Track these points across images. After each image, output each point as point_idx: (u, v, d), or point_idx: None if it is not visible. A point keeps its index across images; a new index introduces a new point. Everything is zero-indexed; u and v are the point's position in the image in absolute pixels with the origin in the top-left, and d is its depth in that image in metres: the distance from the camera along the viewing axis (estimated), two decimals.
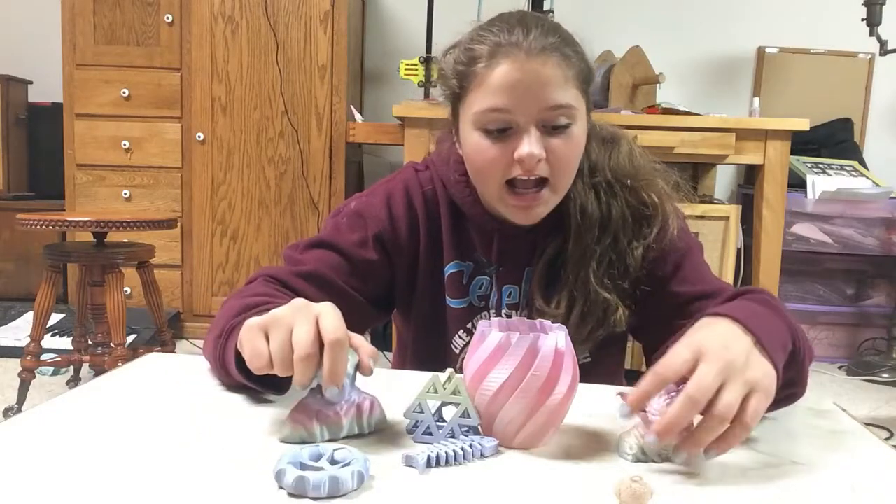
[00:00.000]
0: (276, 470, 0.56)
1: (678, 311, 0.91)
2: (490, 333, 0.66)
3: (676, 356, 0.63)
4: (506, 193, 0.89)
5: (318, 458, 0.58)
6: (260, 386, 0.75)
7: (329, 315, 0.65)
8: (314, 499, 0.54)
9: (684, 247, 0.95)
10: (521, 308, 0.98)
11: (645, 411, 0.64)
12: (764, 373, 0.65)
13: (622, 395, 0.64)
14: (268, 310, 0.68)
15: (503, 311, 0.99)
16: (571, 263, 0.94)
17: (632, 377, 1.12)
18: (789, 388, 0.74)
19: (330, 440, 0.66)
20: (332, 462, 0.58)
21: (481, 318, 0.99)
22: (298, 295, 0.84)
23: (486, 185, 0.91)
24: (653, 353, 0.93)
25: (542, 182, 0.88)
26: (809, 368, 0.77)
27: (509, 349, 0.65)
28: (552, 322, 0.82)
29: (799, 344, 0.73)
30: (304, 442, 0.64)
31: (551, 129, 0.86)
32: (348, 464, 0.57)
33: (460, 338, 1.01)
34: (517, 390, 0.65)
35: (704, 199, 2.71)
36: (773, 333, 0.69)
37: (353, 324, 0.90)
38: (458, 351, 1.01)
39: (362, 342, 0.67)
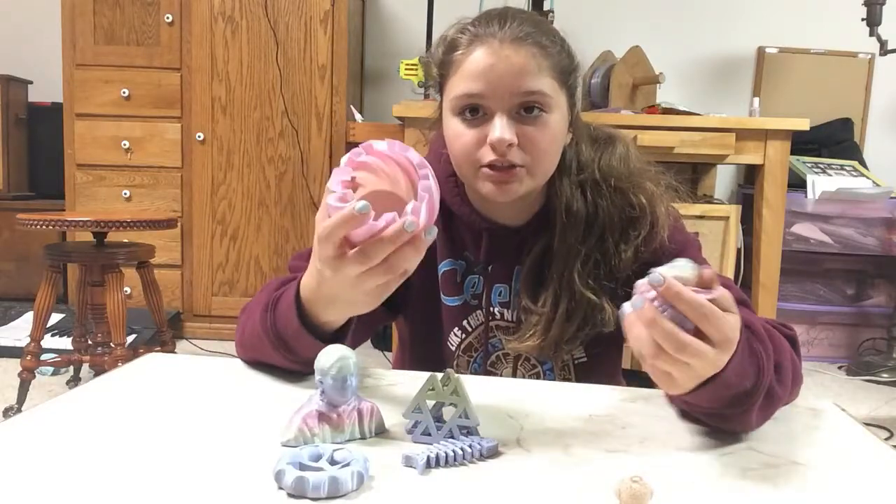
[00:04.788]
0: (276, 470, 0.56)
1: None
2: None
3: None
4: (481, 170, 0.89)
5: (317, 458, 0.58)
6: (318, 337, 0.77)
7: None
8: (314, 499, 0.54)
9: (677, 247, 0.95)
10: (511, 307, 0.99)
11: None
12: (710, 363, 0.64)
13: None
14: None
15: (495, 310, 0.99)
16: (556, 262, 0.94)
17: (631, 377, 1.13)
18: (716, 420, 0.71)
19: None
20: (332, 462, 0.58)
21: (475, 316, 1.00)
22: None
23: (463, 170, 0.92)
24: None
25: (516, 167, 0.88)
26: (766, 413, 0.72)
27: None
28: (537, 319, 0.88)
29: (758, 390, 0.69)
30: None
31: (524, 115, 0.87)
32: (348, 464, 0.57)
33: (455, 335, 1.01)
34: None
35: (704, 199, 2.71)
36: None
37: (364, 324, 0.91)
38: (453, 348, 1.01)
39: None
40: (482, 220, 0.97)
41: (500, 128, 0.86)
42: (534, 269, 0.96)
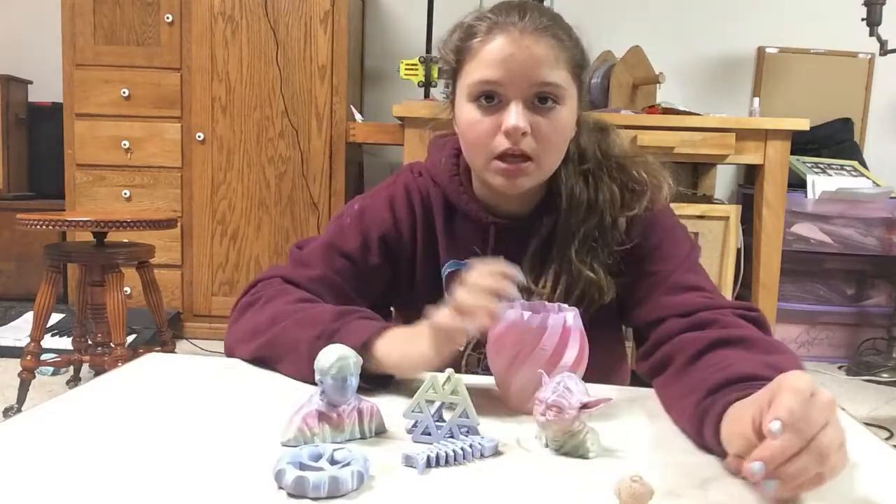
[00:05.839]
0: (276, 470, 0.56)
1: (666, 287, 0.92)
2: (506, 311, 0.77)
3: (785, 400, 0.56)
4: (493, 162, 0.90)
5: (317, 458, 0.58)
6: (373, 384, 0.80)
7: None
8: (314, 499, 0.54)
9: (670, 225, 0.98)
10: (520, 294, 0.99)
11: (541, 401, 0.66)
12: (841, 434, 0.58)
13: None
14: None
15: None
16: (557, 245, 0.96)
17: (636, 378, 1.12)
18: None
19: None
20: (332, 462, 0.58)
21: None
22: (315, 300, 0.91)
23: (474, 157, 0.93)
24: (644, 330, 0.93)
25: (526, 158, 0.89)
26: None
27: (522, 325, 0.76)
28: (539, 299, 0.90)
29: None
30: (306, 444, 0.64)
31: (538, 106, 0.88)
32: (348, 464, 0.57)
33: None
34: (527, 362, 0.75)
35: (704, 199, 2.70)
36: None
37: None
38: (461, 346, 1.01)
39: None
40: (489, 215, 0.98)
41: (515, 115, 0.87)
42: (537, 254, 0.97)
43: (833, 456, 0.56)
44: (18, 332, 2.84)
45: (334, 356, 0.65)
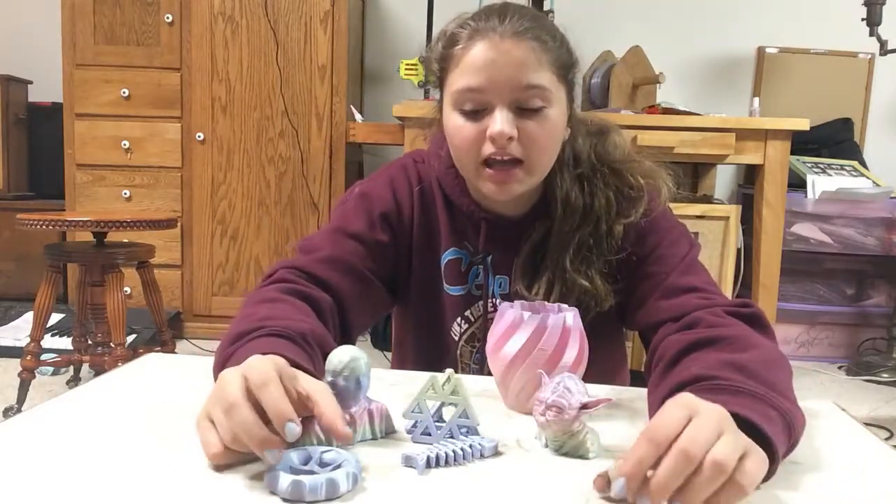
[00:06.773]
0: (268, 475, 0.55)
1: (662, 290, 0.90)
2: (506, 311, 0.77)
3: (668, 416, 0.56)
4: (482, 168, 0.90)
5: (306, 461, 0.58)
6: None
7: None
8: (310, 502, 0.53)
9: (668, 226, 0.96)
10: (511, 298, 0.99)
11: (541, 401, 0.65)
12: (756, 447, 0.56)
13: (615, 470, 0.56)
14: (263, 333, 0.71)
15: (496, 301, 0.99)
16: (551, 251, 0.95)
17: (634, 377, 1.13)
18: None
19: (341, 446, 0.63)
20: (321, 464, 0.57)
21: (478, 307, 1.00)
22: (325, 283, 0.89)
23: (464, 164, 0.93)
24: (645, 335, 0.92)
25: (516, 163, 0.89)
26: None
27: (521, 326, 0.75)
28: None
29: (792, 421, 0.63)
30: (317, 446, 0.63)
31: (525, 110, 0.88)
32: (339, 465, 0.56)
33: (458, 325, 1.01)
34: (526, 362, 0.74)
35: (704, 199, 2.70)
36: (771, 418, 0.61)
37: (370, 308, 0.95)
38: (457, 338, 1.02)
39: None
40: (481, 211, 0.98)
41: (500, 121, 0.86)
42: (530, 258, 0.97)
43: (731, 475, 0.52)
44: (18, 332, 2.84)
45: (347, 356, 0.64)
